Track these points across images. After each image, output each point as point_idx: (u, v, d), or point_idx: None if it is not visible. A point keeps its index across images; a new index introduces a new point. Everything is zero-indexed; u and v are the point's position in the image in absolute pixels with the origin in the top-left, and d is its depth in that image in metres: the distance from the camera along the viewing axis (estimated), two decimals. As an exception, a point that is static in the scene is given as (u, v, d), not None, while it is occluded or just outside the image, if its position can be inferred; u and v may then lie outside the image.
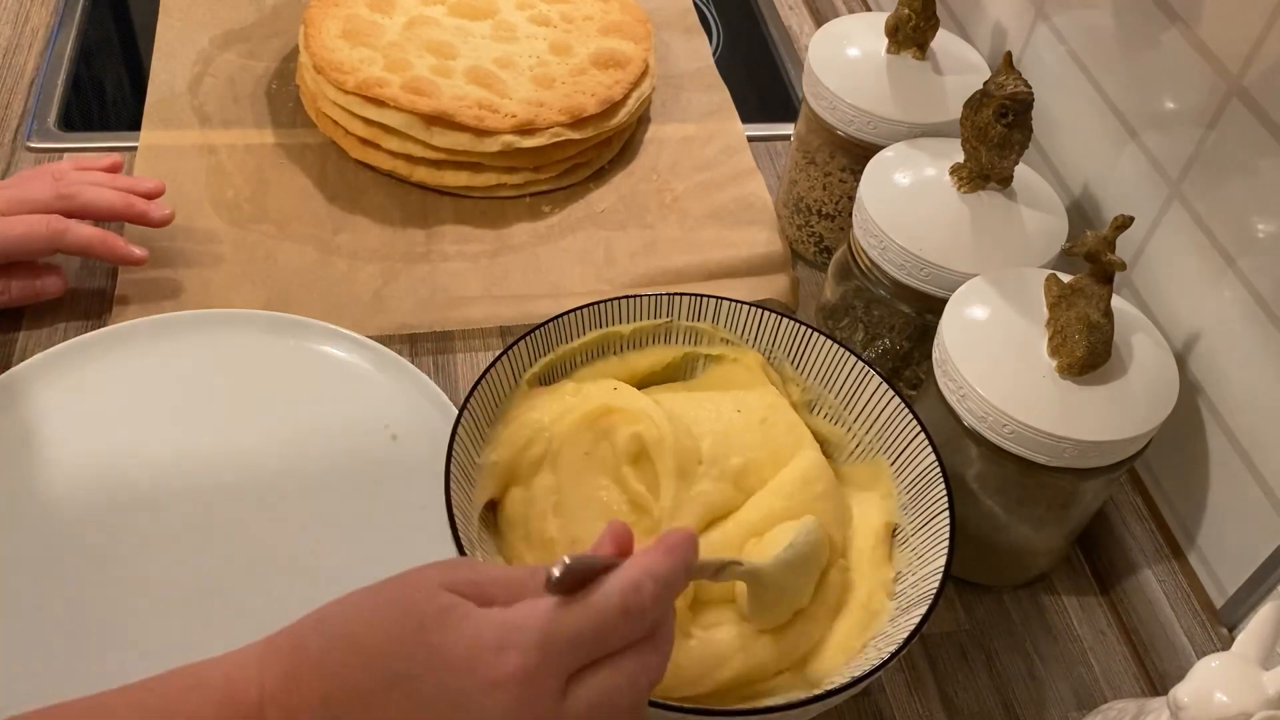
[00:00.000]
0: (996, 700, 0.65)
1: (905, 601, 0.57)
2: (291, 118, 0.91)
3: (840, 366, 0.64)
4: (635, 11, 0.96)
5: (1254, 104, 0.60)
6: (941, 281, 0.68)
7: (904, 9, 0.76)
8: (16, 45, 0.95)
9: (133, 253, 0.75)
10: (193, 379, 0.72)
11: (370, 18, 0.90)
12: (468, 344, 0.78)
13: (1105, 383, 0.60)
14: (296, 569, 0.64)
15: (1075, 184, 0.77)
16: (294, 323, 0.74)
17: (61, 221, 0.72)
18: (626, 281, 0.82)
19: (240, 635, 0.61)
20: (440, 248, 0.84)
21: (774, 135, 0.97)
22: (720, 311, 0.66)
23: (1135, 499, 0.71)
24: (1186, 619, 0.65)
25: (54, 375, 0.70)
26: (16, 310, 0.75)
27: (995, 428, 0.60)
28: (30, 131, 0.88)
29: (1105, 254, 0.58)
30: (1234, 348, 0.63)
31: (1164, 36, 0.67)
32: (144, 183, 0.78)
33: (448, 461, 0.56)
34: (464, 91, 0.85)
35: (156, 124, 0.89)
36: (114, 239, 0.74)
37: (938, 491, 0.58)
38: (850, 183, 0.80)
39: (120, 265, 0.76)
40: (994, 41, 0.86)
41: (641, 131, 0.95)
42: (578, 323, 0.64)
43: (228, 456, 0.68)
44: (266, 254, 0.81)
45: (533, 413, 0.62)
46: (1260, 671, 0.45)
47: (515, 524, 0.59)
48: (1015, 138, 0.67)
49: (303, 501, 0.67)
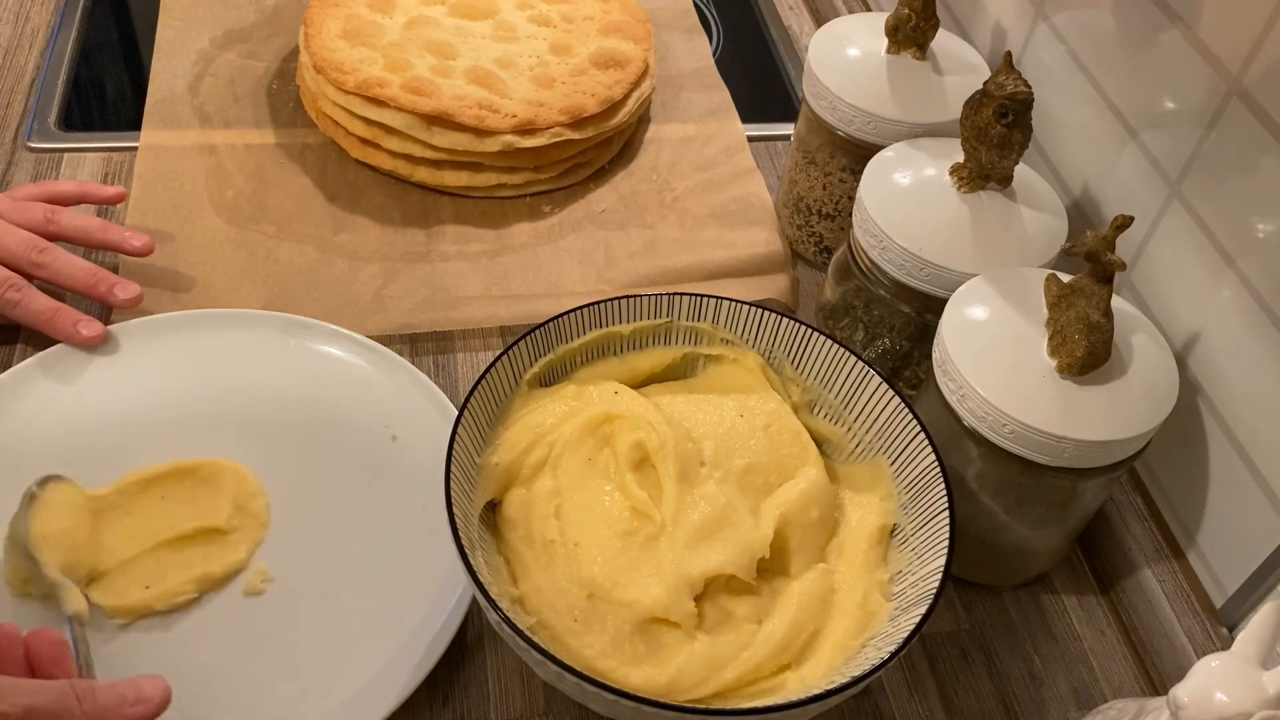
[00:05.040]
0: (996, 700, 0.65)
1: (905, 601, 0.57)
2: (292, 118, 0.91)
3: (840, 366, 0.64)
4: (635, 11, 0.96)
5: (1254, 104, 0.60)
6: (941, 281, 0.68)
7: (904, 9, 0.76)
8: (17, 45, 0.95)
9: (79, 333, 0.71)
10: (193, 379, 0.72)
11: (370, 18, 0.90)
12: (468, 344, 0.78)
13: (1105, 383, 0.60)
14: (296, 569, 0.64)
15: (1075, 184, 0.77)
16: (294, 322, 0.74)
17: (17, 291, 0.71)
18: (626, 281, 0.82)
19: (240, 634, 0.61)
20: (440, 248, 0.84)
21: (774, 135, 0.97)
22: (720, 311, 0.66)
23: (1135, 499, 0.71)
24: (1186, 619, 0.65)
25: (54, 375, 0.70)
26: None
27: (995, 428, 0.60)
28: (30, 131, 0.88)
29: (1105, 254, 0.58)
30: (1234, 348, 0.63)
31: (1164, 36, 0.67)
32: (133, 239, 0.76)
33: (448, 462, 0.56)
34: (464, 91, 0.85)
35: (157, 124, 0.89)
36: (62, 320, 0.71)
37: (938, 491, 0.58)
38: (850, 183, 0.80)
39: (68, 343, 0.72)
40: (994, 41, 0.86)
41: (641, 131, 0.95)
42: (578, 323, 0.64)
43: (227, 456, 0.68)
44: (266, 254, 0.81)
45: (533, 415, 0.62)
46: (1260, 671, 0.45)
47: (515, 525, 0.60)
48: (1015, 138, 0.67)
49: (302, 501, 0.67)
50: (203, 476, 0.66)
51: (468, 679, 0.62)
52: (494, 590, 0.53)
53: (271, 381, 0.72)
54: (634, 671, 0.55)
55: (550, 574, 0.57)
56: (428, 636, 0.61)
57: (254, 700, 0.59)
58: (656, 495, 0.59)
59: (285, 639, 0.61)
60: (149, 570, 0.62)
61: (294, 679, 0.60)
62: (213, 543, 0.64)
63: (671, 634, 0.56)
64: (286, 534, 0.65)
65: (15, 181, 0.84)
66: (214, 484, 0.66)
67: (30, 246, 0.72)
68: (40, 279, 0.73)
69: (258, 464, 0.68)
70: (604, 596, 0.56)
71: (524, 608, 0.57)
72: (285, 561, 0.64)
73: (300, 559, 0.64)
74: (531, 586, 0.57)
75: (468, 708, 0.61)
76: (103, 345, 0.72)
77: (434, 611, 0.62)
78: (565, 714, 0.61)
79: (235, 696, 0.59)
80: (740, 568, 0.57)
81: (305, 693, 0.59)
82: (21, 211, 0.74)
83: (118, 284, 0.74)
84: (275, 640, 0.61)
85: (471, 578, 0.52)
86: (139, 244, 0.76)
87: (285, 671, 0.60)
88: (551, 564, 0.57)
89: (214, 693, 0.59)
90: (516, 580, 0.58)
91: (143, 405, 0.70)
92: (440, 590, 0.63)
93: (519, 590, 0.58)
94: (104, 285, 0.73)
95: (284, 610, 0.63)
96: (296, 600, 0.63)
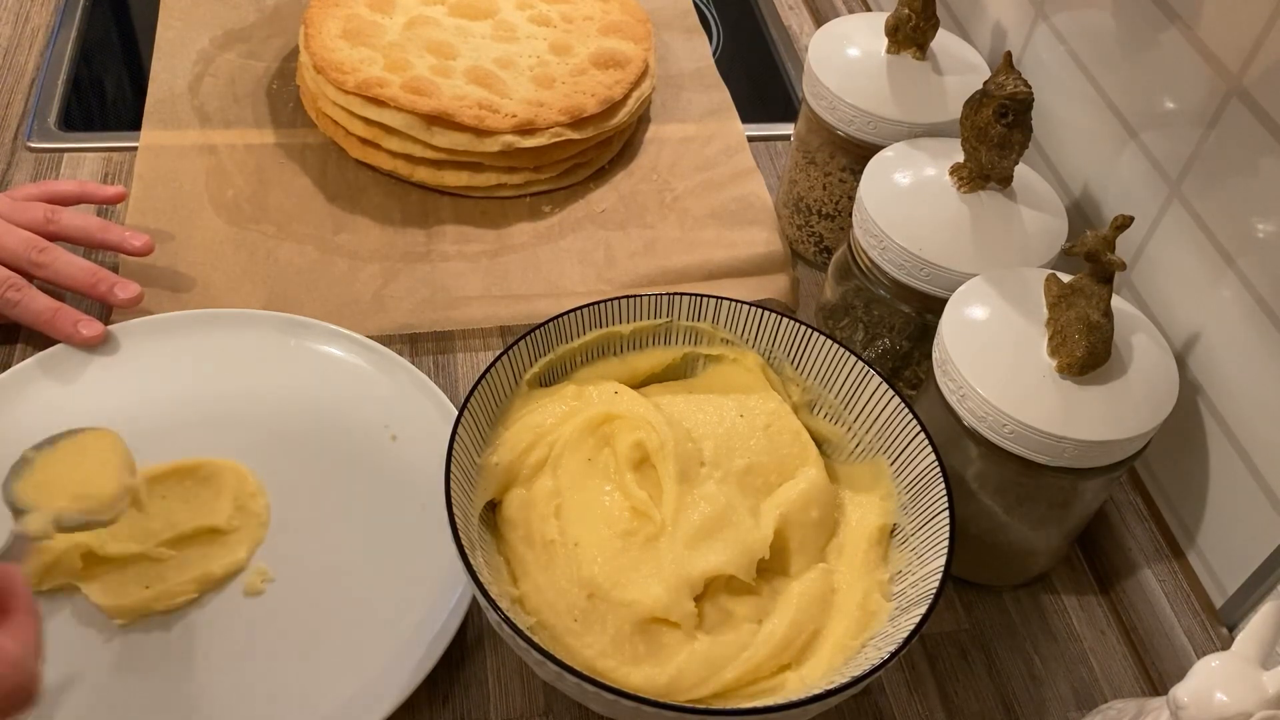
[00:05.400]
0: (996, 700, 0.65)
1: (905, 601, 0.57)
2: (292, 118, 0.91)
3: (840, 366, 0.64)
4: (635, 11, 0.96)
5: (1254, 104, 0.60)
6: (941, 281, 0.68)
7: (904, 9, 0.76)
8: (17, 45, 0.95)
9: (79, 333, 0.71)
10: (193, 379, 0.72)
11: (370, 18, 0.90)
12: (468, 344, 0.78)
13: (1105, 383, 0.60)
14: (296, 569, 0.64)
15: (1075, 184, 0.77)
16: (294, 322, 0.74)
17: (17, 291, 0.71)
18: (626, 281, 0.82)
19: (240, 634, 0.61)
20: (440, 248, 0.84)
21: (774, 135, 0.97)
22: (720, 311, 0.66)
23: (1135, 499, 0.71)
24: (1186, 619, 0.65)
25: (54, 375, 0.70)
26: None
27: (995, 428, 0.60)
28: (30, 131, 0.88)
29: (1105, 254, 0.58)
30: (1234, 348, 0.63)
31: (1164, 36, 0.67)
32: (133, 239, 0.76)
33: (448, 462, 0.56)
34: (464, 91, 0.85)
35: (157, 124, 0.89)
36: (62, 320, 0.72)
37: (938, 491, 0.58)
38: (850, 183, 0.80)
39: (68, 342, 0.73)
40: (994, 41, 0.86)
41: (641, 131, 0.95)
42: (578, 323, 0.64)
43: (227, 456, 0.68)
44: (266, 254, 0.81)
45: (533, 415, 0.62)
46: (1260, 671, 0.45)
47: (515, 525, 0.60)
48: (1015, 138, 0.67)
49: (302, 501, 0.67)
50: (203, 476, 0.66)
51: (468, 679, 0.62)
52: (494, 590, 0.53)
53: (271, 381, 0.72)
54: (634, 671, 0.55)
55: (550, 574, 0.57)
56: (428, 636, 0.61)
57: (254, 700, 0.59)
58: (656, 495, 0.59)
59: (285, 639, 0.61)
60: (149, 570, 0.62)
61: (294, 679, 0.60)
62: (213, 543, 0.64)
63: (671, 634, 0.56)
64: (286, 534, 0.65)
65: (15, 181, 0.84)
66: (214, 484, 0.66)
67: (30, 246, 0.72)
68: (40, 279, 0.73)
69: (258, 464, 0.68)
70: (604, 596, 0.56)
71: (524, 608, 0.57)
72: (285, 561, 0.64)
73: (300, 559, 0.64)
74: (531, 586, 0.57)
75: (468, 708, 0.61)
76: (103, 345, 0.72)
77: (434, 611, 0.62)
78: (565, 714, 0.61)
79: (235, 696, 0.59)
80: (740, 568, 0.57)
81: (305, 693, 0.59)
82: (21, 211, 0.74)
83: (118, 284, 0.74)
84: (275, 640, 0.61)
85: (471, 578, 0.52)
86: (139, 244, 0.76)
87: (285, 671, 0.60)
88: (551, 564, 0.57)
89: (214, 693, 0.59)
90: (516, 580, 0.59)
91: (143, 405, 0.70)
92: (440, 590, 0.63)
93: (519, 590, 0.58)
94: (104, 285, 0.73)
95: (284, 610, 0.63)
96: (296, 600, 0.63)
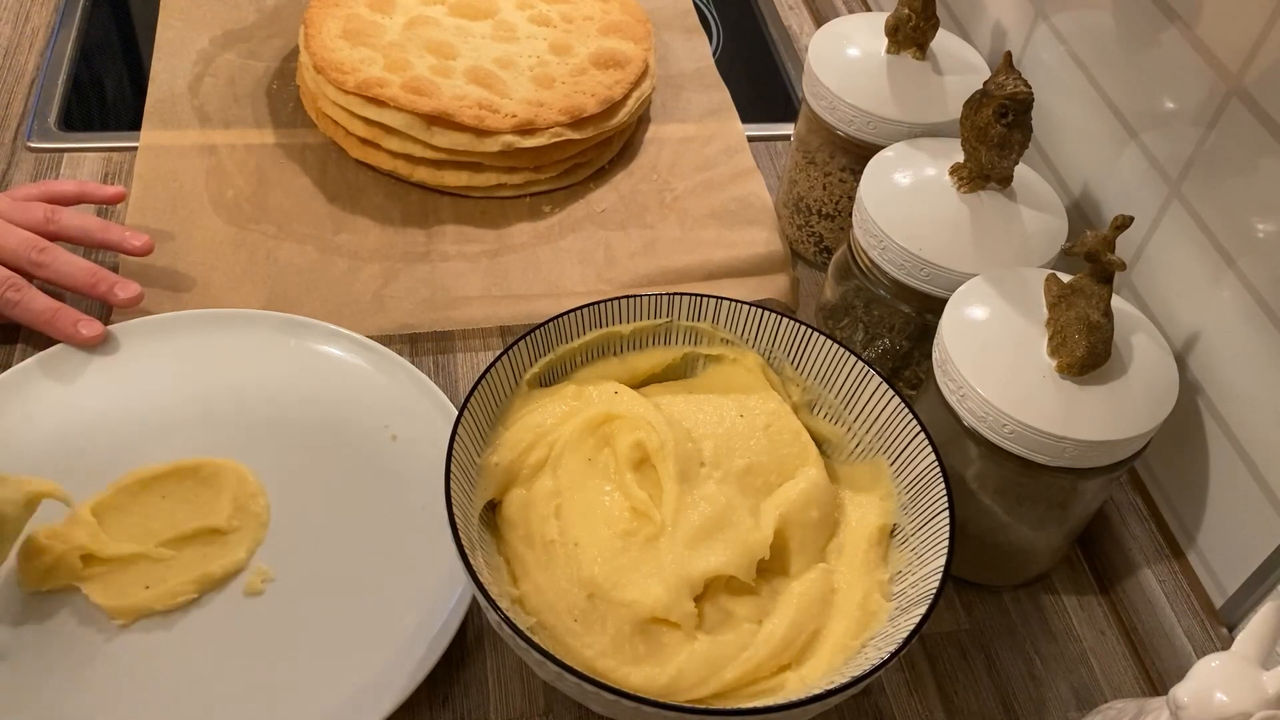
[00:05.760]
0: (996, 700, 0.65)
1: (905, 601, 0.57)
2: (292, 118, 0.91)
3: (840, 366, 0.64)
4: (635, 11, 0.96)
5: (1254, 104, 0.60)
6: (941, 281, 0.68)
7: (904, 9, 0.76)
8: (17, 45, 0.95)
9: (79, 333, 0.71)
10: (193, 379, 0.72)
11: (370, 18, 0.90)
12: (468, 344, 0.78)
13: (1105, 383, 0.60)
14: (296, 569, 0.64)
15: (1075, 184, 0.77)
16: (294, 322, 0.74)
17: (17, 291, 0.71)
18: (626, 281, 0.83)
19: (240, 634, 0.61)
20: (440, 248, 0.84)
21: (774, 135, 0.97)
22: (720, 311, 0.66)
23: (1135, 499, 0.71)
24: (1186, 619, 0.65)
25: (54, 375, 0.70)
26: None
27: (995, 428, 0.60)
28: (30, 131, 0.88)
29: (1105, 254, 0.58)
30: (1234, 348, 0.63)
31: (1164, 36, 0.67)
32: (133, 239, 0.76)
33: (447, 462, 0.56)
34: (464, 91, 0.85)
35: (157, 124, 0.89)
36: (62, 320, 0.72)
37: (938, 491, 0.58)
38: (850, 183, 0.80)
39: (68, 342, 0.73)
40: (994, 41, 0.86)
41: (641, 131, 0.95)
42: (578, 323, 0.64)
43: (227, 456, 0.68)
44: (266, 254, 0.81)
45: (533, 415, 0.62)
46: (1260, 671, 0.45)
47: (515, 525, 0.60)
48: (1015, 138, 0.67)
49: (302, 501, 0.67)
50: (203, 476, 0.66)
51: (468, 679, 0.62)
52: (494, 590, 0.53)
53: (271, 381, 0.72)
54: (634, 672, 0.55)
55: (550, 574, 0.57)
56: (428, 636, 0.61)
57: (254, 700, 0.59)
58: (656, 495, 0.59)
59: (285, 639, 0.61)
60: (149, 570, 0.62)
61: (294, 679, 0.60)
62: (213, 543, 0.64)
63: (671, 634, 0.56)
64: (286, 534, 0.65)
65: (15, 181, 0.84)
66: (214, 484, 0.66)
67: (30, 246, 0.72)
68: (40, 279, 0.73)
69: (258, 464, 0.68)
70: (604, 596, 0.56)
71: (524, 608, 0.57)
72: (285, 561, 0.64)
73: (300, 559, 0.64)
74: (531, 586, 0.57)
75: (468, 708, 0.61)
76: (103, 345, 0.72)
77: (434, 611, 0.62)
78: (565, 714, 0.61)
79: (235, 696, 0.59)
80: (740, 568, 0.57)
81: (305, 693, 0.59)
82: (21, 211, 0.74)
83: (118, 284, 0.74)
84: (275, 640, 0.61)
85: (471, 578, 0.52)
86: (139, 244, 0.76)
87: (285, 671, 0.60)
88: (551, 564, 0.57)
89: (214, 693, 0.59)
90: (516, 580, 0.58)
91: (143, 405, 0.70)
92: (440, 590, 0.63)
93: (519, 590, 0.58)
94: (104, 285, 0.73)
95: (284, 610, 0.63)
96: (296, 600, 0.63)
